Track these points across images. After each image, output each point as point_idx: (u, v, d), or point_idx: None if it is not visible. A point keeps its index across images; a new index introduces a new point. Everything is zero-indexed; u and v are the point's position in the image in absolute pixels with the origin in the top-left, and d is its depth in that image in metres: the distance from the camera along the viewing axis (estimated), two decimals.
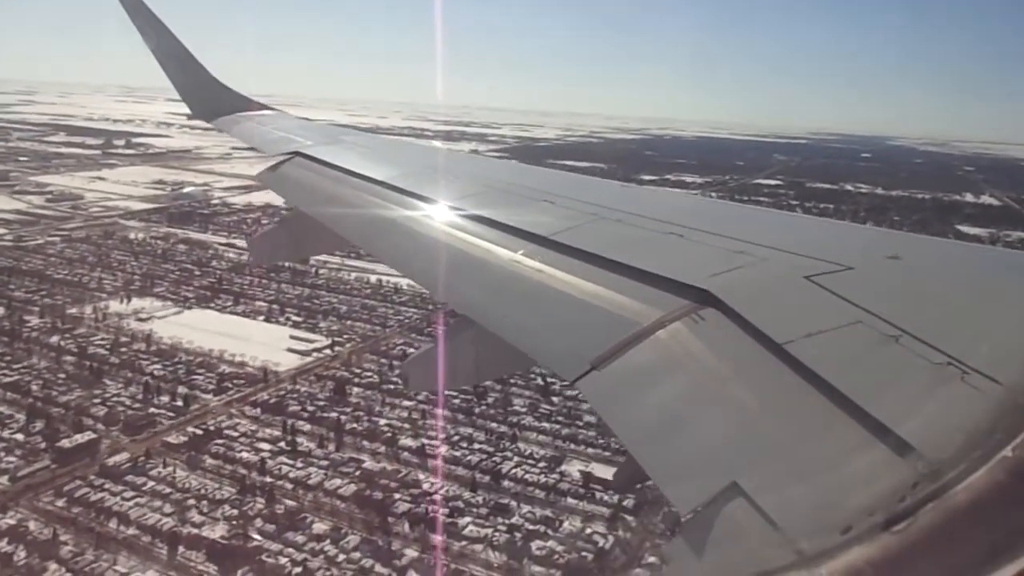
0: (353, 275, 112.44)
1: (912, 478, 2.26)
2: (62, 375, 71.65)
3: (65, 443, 58.44)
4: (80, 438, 59.60)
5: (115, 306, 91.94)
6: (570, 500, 57.81)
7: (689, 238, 4.81)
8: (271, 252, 9.94)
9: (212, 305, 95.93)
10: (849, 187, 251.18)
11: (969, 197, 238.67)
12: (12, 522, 49.47)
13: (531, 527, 53.78)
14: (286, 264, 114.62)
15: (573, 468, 62.52)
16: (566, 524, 54.60)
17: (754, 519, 2.37)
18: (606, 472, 61.78)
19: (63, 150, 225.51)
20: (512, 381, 78.36)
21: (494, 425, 69.05)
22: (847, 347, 3.04)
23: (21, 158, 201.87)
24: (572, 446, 66.19)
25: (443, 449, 63.74)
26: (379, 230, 6.87)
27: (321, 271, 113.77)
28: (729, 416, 2.99)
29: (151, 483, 55.56)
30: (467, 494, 57.57)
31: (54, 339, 79.38)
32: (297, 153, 9.54)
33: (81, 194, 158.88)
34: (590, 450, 65.51)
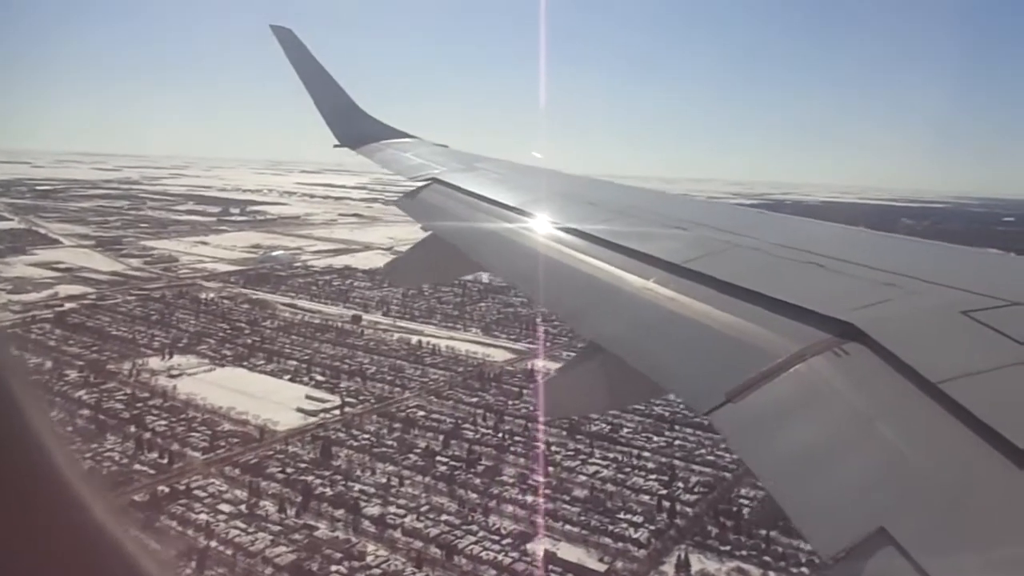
0: (396, 336, 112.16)
1: None
2: (69, 428, 74.01)
3: None
4: None
5: (155, 363, 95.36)
6: None
7: (832, 268, 4.59)
8: (408, 276, 10.61)
9: (246, 363, 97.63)
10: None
11: None
12: None
13: None
14: (335, 324, 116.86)
15: (540, 547, 57.41)
16: None
17: (905, 570, 2.20)
18: (571, 553, 56.67)
19: (184, 217, 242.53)
20: (512, 448, 74.51)
21: (473, 496, 64.97)
22: (1012, 389, 2.86)
23: (142, 225, 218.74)
24: (550, 522, 61.00)
25: (407, 519, 60.35)
26: (510, 255, 6.79)
27: (368, 332, 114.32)
28: (876, 457, 2.76)
29: None
30: (409, 570, 53.74)
31: (79, 393, 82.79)
32: (434, 180, 9.76)
33: (178, 257, 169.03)
34: (567, 528, 60.25)
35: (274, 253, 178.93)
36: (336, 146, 13.65)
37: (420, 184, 9.82)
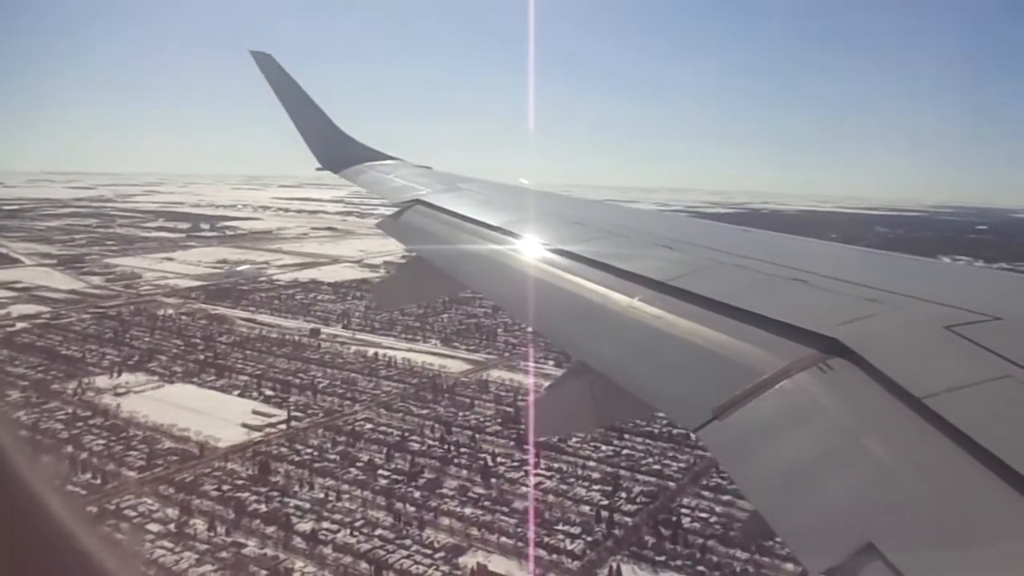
0: (353, 349, 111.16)
1: None
2: None
3: None
4: None
5: (102, 381, 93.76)
6: None
7: (816, 285, 4.61)
8: (393, 298, 10.81)
9: (196, 379, 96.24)
10: (946, 259, 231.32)
11: None
12: None
13: None
14: (293, 338, 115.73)
15: (473, 560, 56.53)
16: None
17: None
18: (503, 566, 55.84)
19: (152, 234, 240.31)
20: (456, 460, 73.70)
21: (411, 510, 63.98)
22: (995, 403, 2.90)
23: (108, 242, 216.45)
24: (486, 535, 60.13)
25: (340, 534, 59.30)
26: (495, 275, 6.78)
27: (325, 345, 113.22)
28: (863, 472, 2.79)
29: None
30: None
31: (18, 414, 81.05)
32: (418, 201, 9.79)
33: (141, 274, 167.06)
34: (503, 540, 59.35)
35: (239, 268, 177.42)
36: (319, 169, 13.66)
37: (403, 206, 9.81)
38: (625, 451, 76.54)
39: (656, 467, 73.20)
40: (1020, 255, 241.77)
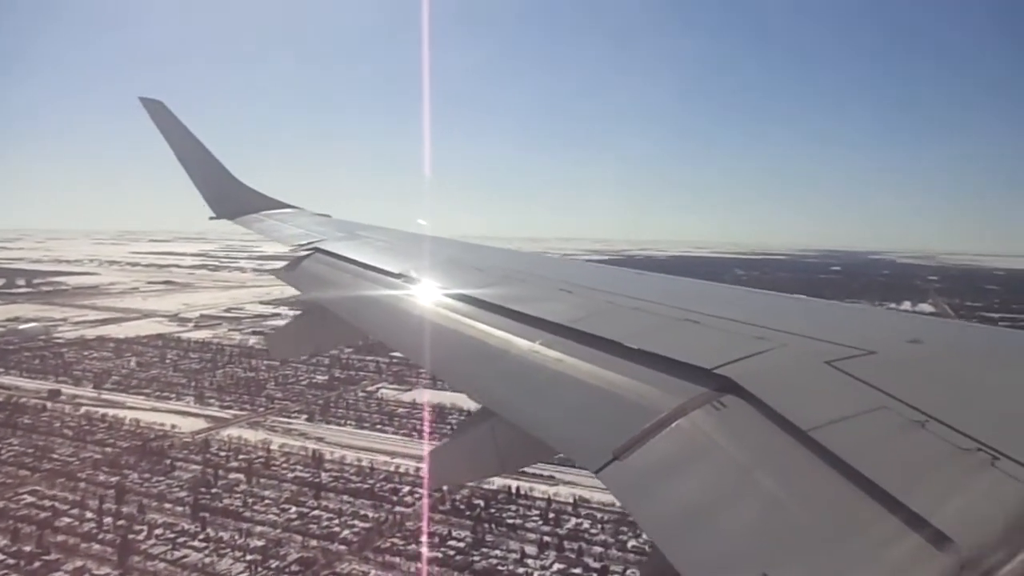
0: (84, 410, 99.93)
1: (952, 571, 2.23)
2: None
3: None
4: None
5: None
6: None
7: (707, 324, 4.73)
8: (289, 347, 10.43)
9: None
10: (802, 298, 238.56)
11: (906, 305, 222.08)
12: None
13: None
14: (21, 401, 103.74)
15: None
16: None
17: None
18: None
19: None
20: (102, 536, 64.20)
21: None
22: (873, 433, 3.02)
23: None
24: None
25: None
26: (396, 321, 6.67)
27: (56, 407, 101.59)
28: (756, 506, 2.86)
29: None
30: None
31: None
32: (317, 249, 9.61)
33: None
34: None
35: (23, 327, 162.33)
36: (212, 218, 13.02)
37: (302, 254, 9.57)
38: (315, 512, 68.98)
39: (335, 529, 65.69)
40: (855, 293, 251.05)
